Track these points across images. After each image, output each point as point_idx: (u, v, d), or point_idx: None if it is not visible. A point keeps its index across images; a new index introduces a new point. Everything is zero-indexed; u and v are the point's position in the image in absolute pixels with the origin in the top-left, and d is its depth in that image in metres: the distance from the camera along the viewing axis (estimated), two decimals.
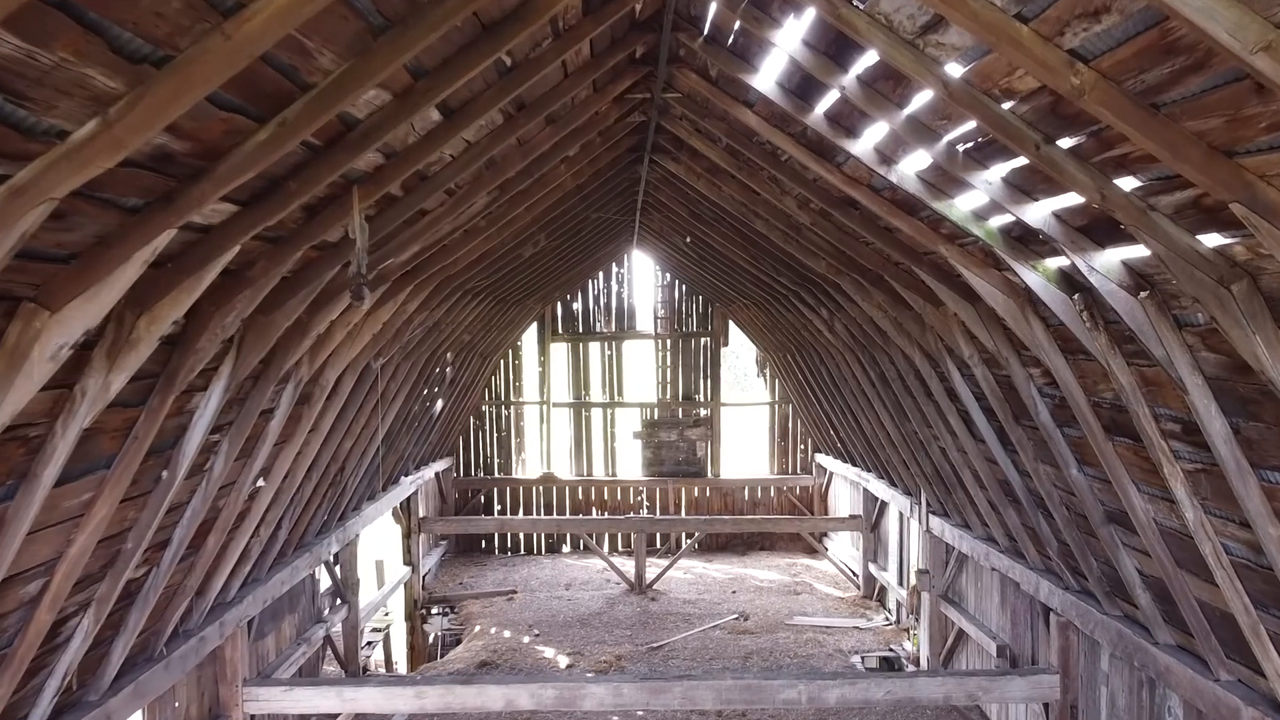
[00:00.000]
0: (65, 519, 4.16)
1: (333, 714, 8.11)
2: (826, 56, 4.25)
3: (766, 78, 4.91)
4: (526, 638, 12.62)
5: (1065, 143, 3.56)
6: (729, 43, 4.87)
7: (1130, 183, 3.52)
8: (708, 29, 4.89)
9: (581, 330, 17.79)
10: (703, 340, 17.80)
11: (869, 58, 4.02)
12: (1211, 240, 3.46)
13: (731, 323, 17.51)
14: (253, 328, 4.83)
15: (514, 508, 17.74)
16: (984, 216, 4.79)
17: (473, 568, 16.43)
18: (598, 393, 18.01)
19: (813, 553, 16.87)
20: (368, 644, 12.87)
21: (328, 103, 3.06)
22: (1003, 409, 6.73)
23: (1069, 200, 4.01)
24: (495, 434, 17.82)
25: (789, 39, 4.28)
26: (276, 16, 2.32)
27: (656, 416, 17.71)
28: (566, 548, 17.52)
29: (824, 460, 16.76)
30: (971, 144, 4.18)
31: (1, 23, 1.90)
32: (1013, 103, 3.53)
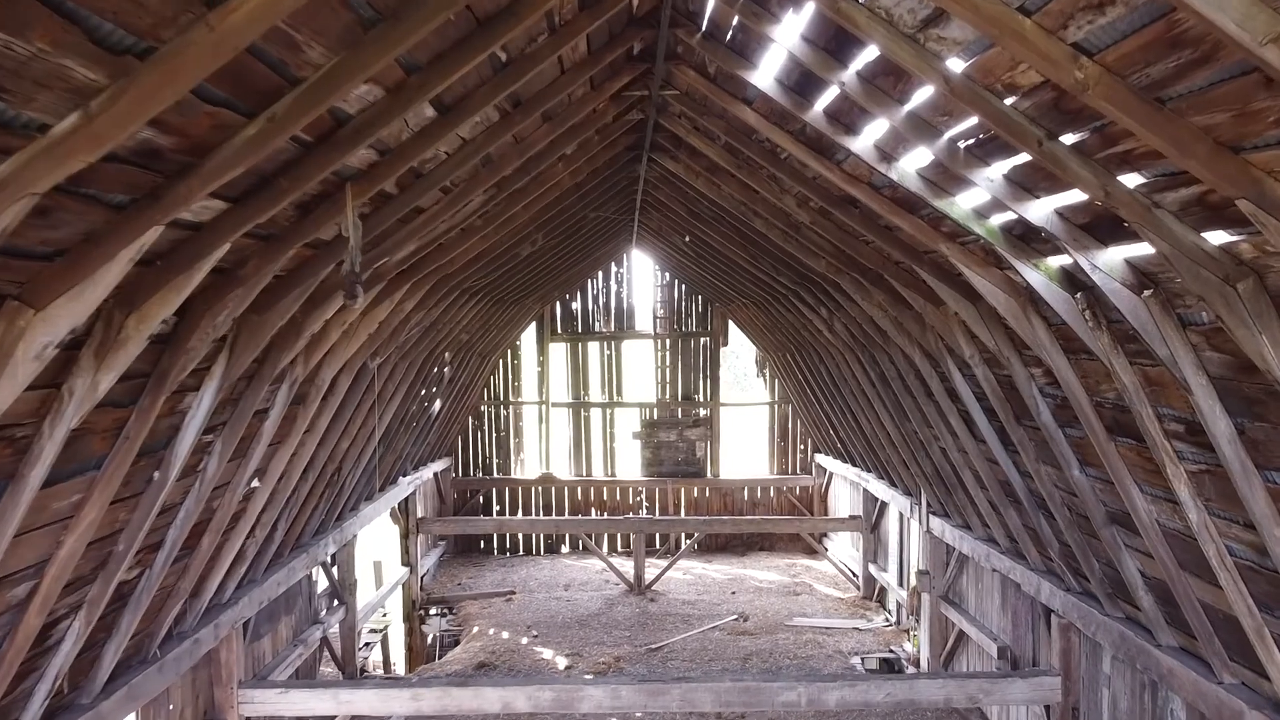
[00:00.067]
0: (54, 520, 4.10)
1: (329, 716, 8.06)
2: (826, 52, 4.19)
3: (765, 74, 4.85)
4: (525, 639, 12.56)
5: (1068, 139, 3.51)
6: (727, 39, 4.81)
7: (1134, 179, 3.47)
8: (706, 25, 4.84)
9: (580, 330, 17.73)
10: (702, 340, 17.74)
11: (869, 53, 3.97)
12: (1217, 238, 3.41)
13: (731, 322, 17.46)
14: (246, 327, 4.78)
15: (513, 508, 17.69)
16: (985, 214, 4.74)
17: (471, 568, 16.37)
18: (597, 393, 17.95)
19: (812, 553, 16.82)
20: (365, 645, 12.82)
21: (318, 97, 3.00)
22: (1004, 409, 6.68)
23: (1072, 198, 3.96)
24: (494, 434, 17.76)
25: (788, 34, 4.23)
26: (262, 8, 2.26)
27: (656, 416, 17.66)
28: (565, 548, 17.46)
29: (824, 460, 16.70)
30: (973, 140, 4.13)
31: None
32: (1015, 98, 3.48)
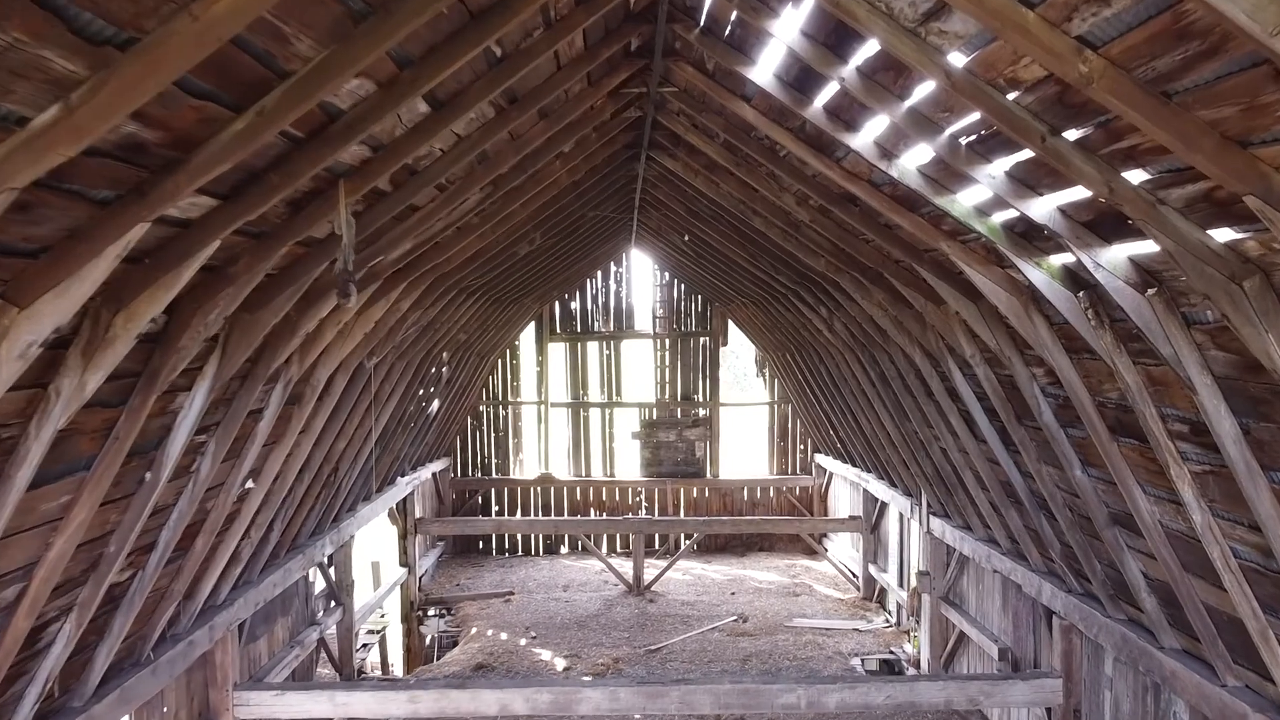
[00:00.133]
0: (42, 522, 4.04)
1: (325, 719, 7.99)
2: (825, 47, 4.14)
3: (764, 70, 4.80)
4: (523, 640, 12.51)
5: (1072, 134, 3.46)
6: (726, 34, 4.75)
7: (1139, 176, 3.42)
8: (704, 20, 4.78)
9: (579, 330, 17.67)
10: (701, 340, 17.68)
11: (869, 48, 3.91)
12: (1223, 235, 3.36)
13: (730, 322, 17.40)
14: (238, 326, 4.72)
15: (511, 508, 17.63)
16: (987, 212, 4.69)
17: (470, 569, 16.31)
18: (596, 393, 17.89)
19: (812, 554, 16.76)
20: (363, 646, 12.76)
21: (307, 91, 2.94)
22: (1005, 409, 6.62)
23: (1075, 194, 3.91)
24: (493, 434, 17.70)
25: (787, 29, 4.17)
26: None
27: (655, 416, 17.59)
28: (564, 549, 17.40)
29: (823, 461, 16.64)
30: (974, 137, 4.07)
31: None
32: (1018, 93, 3.42)
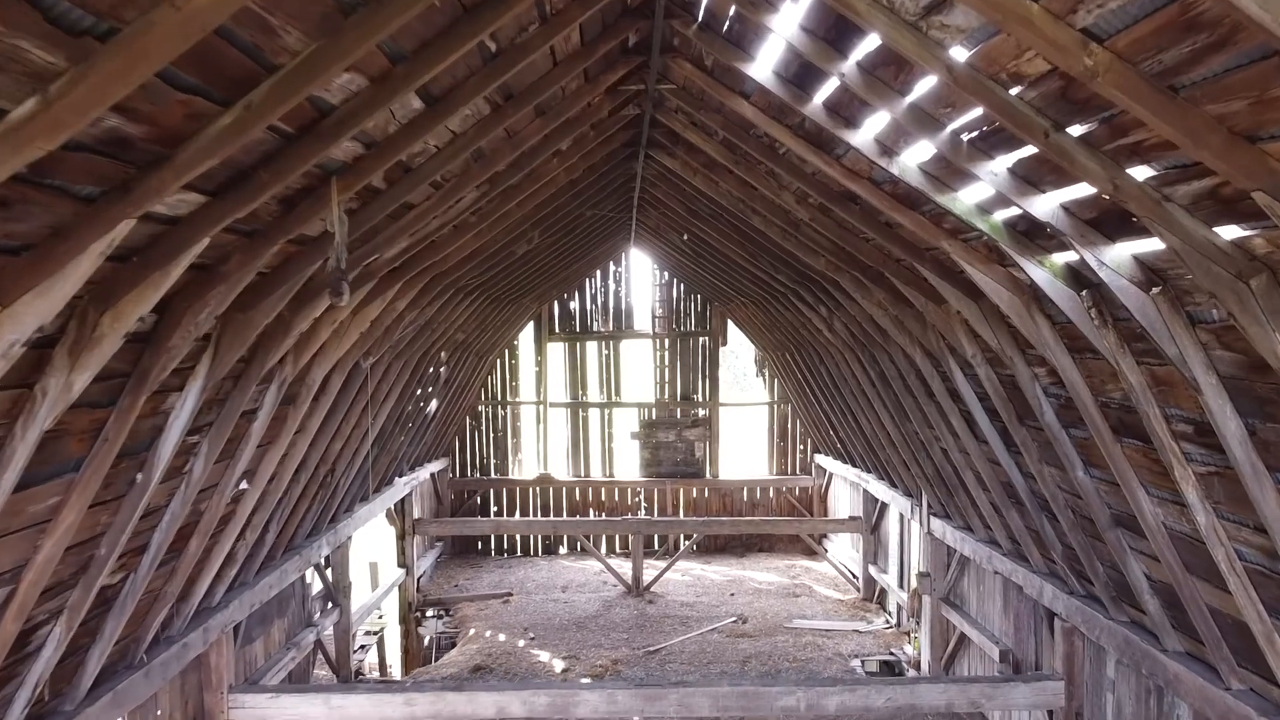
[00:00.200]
0: (30, 524, 3.98)
1: None
2: (825, 42, 4.08)
3: (763, 66, 4.74)
4: (522, 641, 12.45)
5: (1076, 130, 3.40)
6: (724, 29, 4.69)
7: (1144, 172, 3.36)
8: (702, 15, 4.72)
9: (578, 329, 17.61)
10: (701, 339, 17.62)
11: (869, 42, 3.85)
12: (1230, 232, 3.30)
13: (730, 322, 17.34)
14: (230, 325, 4.66)
15: (510, 509, 17.57)
16: (989, 210, 4.63)
17: (468, 569, 16.25)
18: (595, 393, 17.83)
19: (812, 554, 16.69)
20: (361, 648, 12.70)
21: (296, 85, 2.88)
22: (1006, 409, 6.56)
23: (1078, 191, 3.85)
24: (491, 434, 17.64)
25: (786, 24, 4.11)
26: None
27: (654, 417, 17.53)
28: (563, 549, 17.34)
29: (823, 461, 16.58)
30: (977, 133, 4.01)
31: None
32: (1020, 88, 3.37)
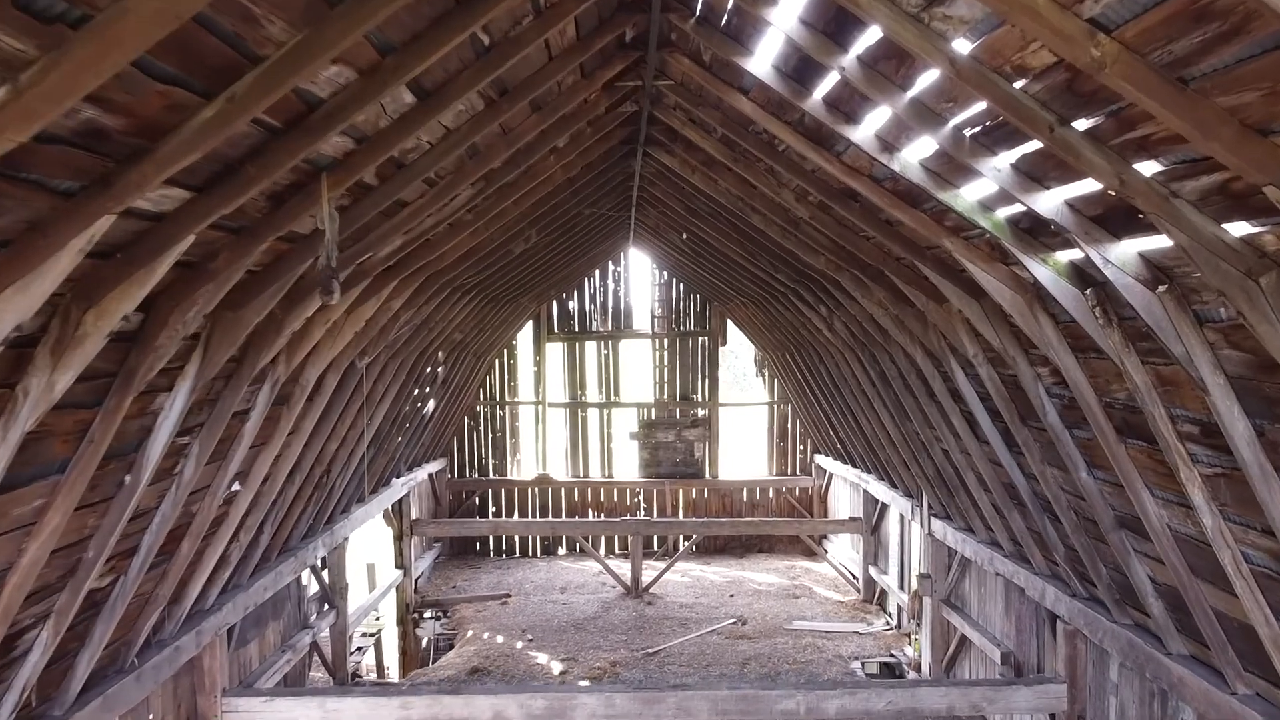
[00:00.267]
0: (14, 527, 3.90)
1: None
2: (825, 35, 4.00)
3: (762, 61, 4.66)
4: (519, 643, 12.37)
5: (1081, 124, 3.31)
6: (722, 23, 4.61)
7: (1151, 167, 3.28)
8: (700, 8, 4.64)
9: (577, 329, 17.54)
10: (700, 339, 17.54)
11: (870, 35, 3.77)
12: (1239, 229, 3.22)
13: (729, 321, 17.27)
14: (220, 324, 4.58)
15: (509, 509, 17.49)
16: (991, 207, 4.55)
17: (466, 570, 16.17)
18: (594, 393, 17.75)
19: (812, 555, 16.62)
20: (358, 649, 12.62)
21: (281, 77, 2.80)
22: (1008, 409, 6.48)
23: (1083, 188, 3.77)
24: (490, 435, 17.56)
25: (785, 17, 4.03)
26: None
27: (654, 417, 17.45)
28: (562, 550, 17.26)
29: (823, 461, 16.50)
30: (979, 128, 3.93)
31: None
32: (1025, 81, 3.29)
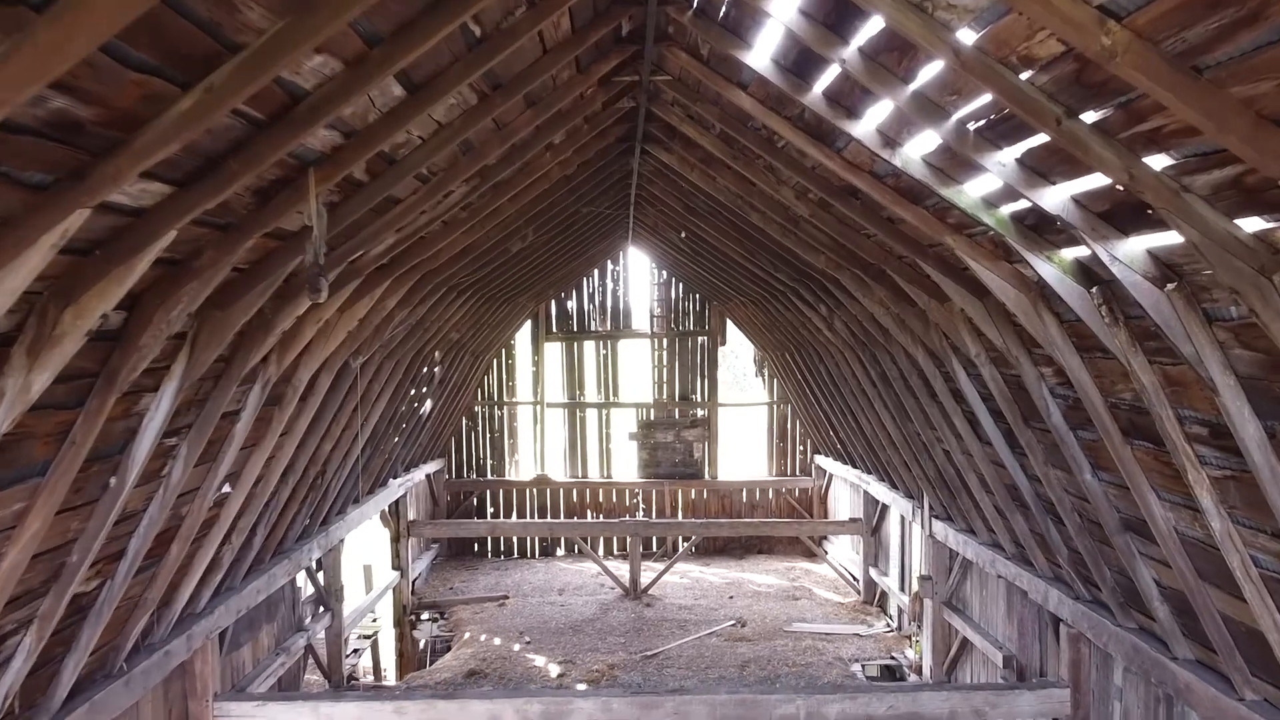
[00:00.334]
0: None
1: None
2: (825, 27, 3.90)
3: (761, 54, 4.56)
4: (517, 645, 12.27)
5: (1090, 116, 3.22)
6: (720, 16, 4.51)
7: (1162, 161, 3.18)
8: (697, 0, 4.54)
9: (576, 329, 17.44)
10: (699, 339, 17.44)
11: (872, 26, 3.67)
12: (1252, 224, 3.12)
13: (729, 321, 17.17)
14: (207, 323, 4.47)
15: (507, 510, 17.39)
16: (995, 204, 4.45)
17: (464, 572, 16.06)
18: (593, 393, 17.65)
19: (812, 556, 16.52)
20: (354, 652, 12.52)
21: (262, 66, 2.70)
22: (1011, 410, 6.39)
23: (1091, 183, 3.67)
24: (488, 435, 17.46)
25: (785, 8, 3.93)
26: None
27: (652, 417, 17.34)
28: (560, 551, 17.16)
29: (823, 462, 16.40)
30: (984, 122, 3.83)
31: None
32: (1032, 72, 3.19)
